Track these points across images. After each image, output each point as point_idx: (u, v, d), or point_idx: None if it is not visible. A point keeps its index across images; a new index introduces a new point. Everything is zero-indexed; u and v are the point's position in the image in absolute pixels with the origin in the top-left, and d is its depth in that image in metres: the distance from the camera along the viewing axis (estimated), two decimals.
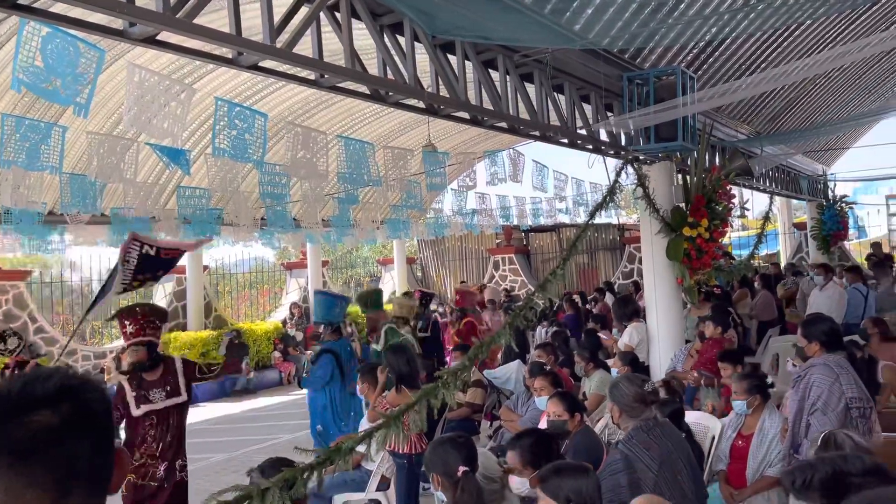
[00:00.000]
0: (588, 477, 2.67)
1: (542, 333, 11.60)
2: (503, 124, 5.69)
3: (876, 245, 14.47)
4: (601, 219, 16.34)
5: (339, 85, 4.43)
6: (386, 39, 4.67)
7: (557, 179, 10.31)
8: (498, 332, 5.13)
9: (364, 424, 5.66)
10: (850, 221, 15.56)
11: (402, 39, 4.66)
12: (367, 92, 4.62)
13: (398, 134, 13.42)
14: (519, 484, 3.71)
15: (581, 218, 12.81)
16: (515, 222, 15.12)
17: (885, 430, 4.87)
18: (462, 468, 3.13)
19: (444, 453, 3.33)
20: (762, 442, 4.62)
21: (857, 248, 18.74)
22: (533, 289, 6.32)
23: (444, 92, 4.95)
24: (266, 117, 5.71)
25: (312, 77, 4.31)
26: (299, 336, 14.39)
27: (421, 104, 4.88)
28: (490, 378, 8.28)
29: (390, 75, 4.55)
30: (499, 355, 9.49)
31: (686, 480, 3.56)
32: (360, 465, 5.93)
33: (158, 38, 3.53)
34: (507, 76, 5.54)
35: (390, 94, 4.59)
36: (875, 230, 18.10)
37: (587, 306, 12.92)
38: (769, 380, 7.38)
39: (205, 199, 9.47)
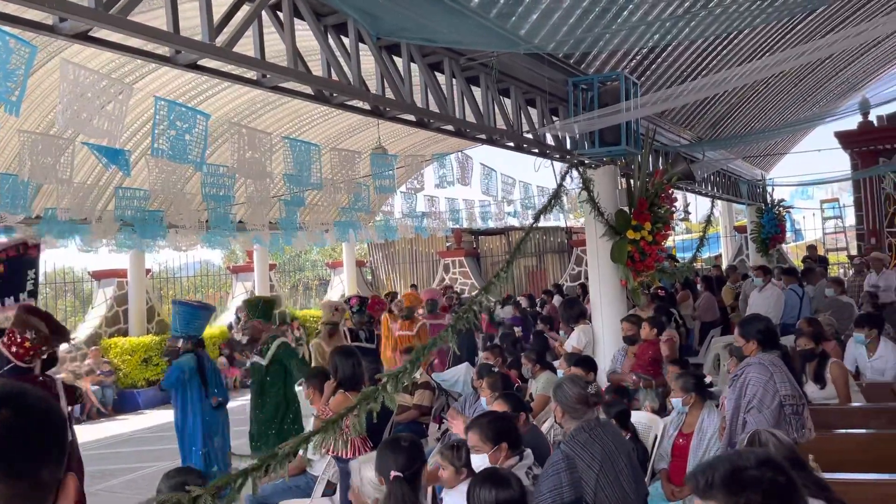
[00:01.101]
0: (512, 487, 2.70)
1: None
2: (449, 127, 5.70)
3: (811, 248, 15.00)
4: (549, 222, 16.75)
5: (283, 85, 4.38)
6: (330, 40, 4.63)
7: (505, 183, 10.39)
8: (441, 333, 5.12)
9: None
10: (788, 225, 16.07)
11: (346, 40, 4.63)
12: (311, 93, 4.57)
13: (347, 136, 13.33)
14: (480, 462, 3.72)
15: (529, 221, 12.93)
16: (465, 225, 15.19)
17: (816, 427, 5.05)
18: (394, 473, 3.12)
19: (383, 456, 3.33)
20: (701, 440, 4.73)
21: (794, 251, 19.39)
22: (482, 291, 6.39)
23: (389, 94, 4.93)
24: (208, 117, 5.60)
25: (254, 77, 4.24)
26: (245, 340, 14.14)
27: (366, 106, 4.85)
28: (438, 380, 8.28)
29: (335, 76, 4.51)
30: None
31: (627, 479, 3.61)
32: (306, 471, 5.85)
33: (97, 35, 3.44)
34: (454, 79, 5.56)
35: (334, 95, 4.55)
36: (811, 233, 18.77)
37: (536, 308, 13.08)
38: (708, 379, 7.59)
39: (145, 201, 9.23)
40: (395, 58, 5.10)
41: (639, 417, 5.62)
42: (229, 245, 12.44)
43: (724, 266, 15.42)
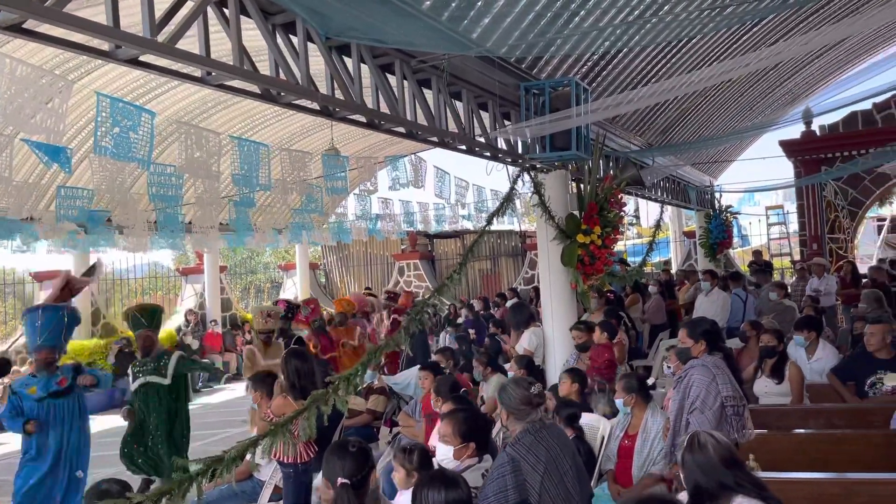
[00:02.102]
0: (459, 489, 2.70)
1: (445, 339, 11.68)
2: (401, 129, 5.69)
3: (757, 253, 15.40)
4: (503, 225, 16.84)
5: (230, 84, 4.30)
6: (279, 39, 4.58)
7: (459, 186, 10.41)
8: (392, 336, 5.09)
9: None
10: (735, 230, 16.48)
11: (295, 39, 4.58)
12: (259, 92, 4.50)
13: (300, 137, 13.21)
14: (444, 453, 3.71)
15: (484, 224, 12.96)
16: (420, 228, 15.16)
17: (757, 427, 5.17)
18: (341, 480, 3.08)
19: (331, 461, 3.28)
20: (646, 441, 4.80)
21: (741, 256, 19.87)
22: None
23: (339, 95, 4.89)
24: (154, 116, 5.48)
25: (199, 75, 4.16)
26: (195, 344, 13.89)
27: (315, 106, 4.80)
28: (390, 384, 8.25)
29: (283, 76, 4.45)
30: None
31: (571, 481, 3.64)
32: (252, 476, 5.75)
33: (38, 29, 3.33)
34: (405, 81, 5.54)
35: (282, 94, 4.49)
36: (756, 239, 19.27)
37: (490, 311, 13.13)
38: (651, 380, 7.71)
39: (89, 201, 8.98)
40: (346, 58, 5.07)
41: (587, 419, 5.67)
42: (181, 247, 12.17)
43: (673, 270, 15.71)
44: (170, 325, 15.17)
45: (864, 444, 4.65)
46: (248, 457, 4.89)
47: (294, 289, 18.60)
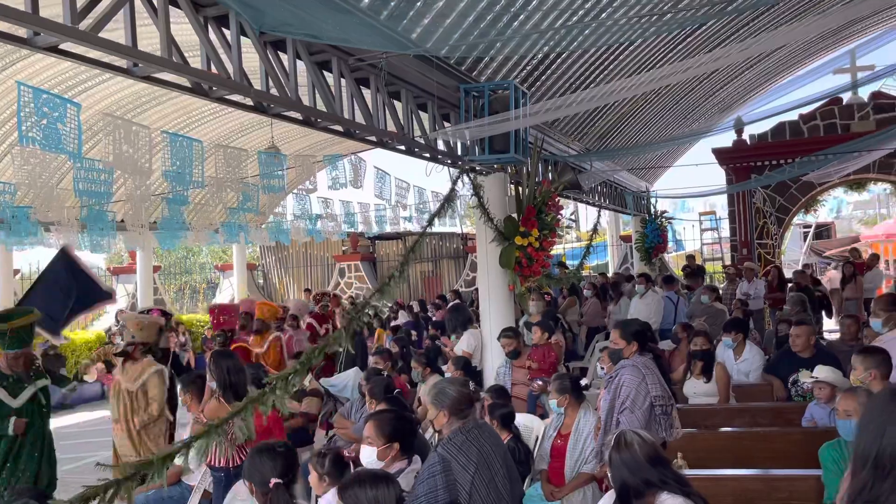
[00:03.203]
0: (388, 487, 2.67)
1: (386, 341, 11.62)
2: (338, 127, 5.62)
3: (690, 257, 15.81)
4: (446, 227, 16.86)
5: (158, 76, 4.17)
6: (211, 33, 4.47)
7: (399, 187, 10.38)
8: (331, 336, 5.02)
9: None
10: (670, 235, 16.90)
11: (228, 33, 4.47)
12: (189, 85, 4.38)
13: (238, 135, 12.96)
14: (368, 455, 3.66)
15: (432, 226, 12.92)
16: (361, 229, 15.04)
17: (686, 426, 5.30)
18: (274, 480, 3.03)
19: (259, 463, 3.23)
20: (578, 440, 4.85)
21: (675, 260, 20.41)
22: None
23: (275, 91, 4.80)
24: (79, 107, 5.27)
25: (124, 66, 4.02)
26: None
27: (249, 101, 4.70)
28: (327, 386, 8.15)
29: (215, 70, 4.35)
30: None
31: (502, 481, 3.65)
32: (181, 481, 5.59)
33: None
34: (342, 79, 5.48)
35: (214, 88, 4.38)
36: (690, 244, 19.82)
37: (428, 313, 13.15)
38: (584, 381, 7.81)
39: (11, 196, 8.59)
40: (282, 54, 4.98)
41: (521, 420, 5.72)
42: (109, 246, 11.74)
43: (609, 273, 16.01)
44: (99, 327, 14.67)
45: (784, 441, 4.82)
46: (179, 460, 4.76)
47: (231, 290, 18.23)
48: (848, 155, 11.86)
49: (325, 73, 5.48)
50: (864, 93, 14.78)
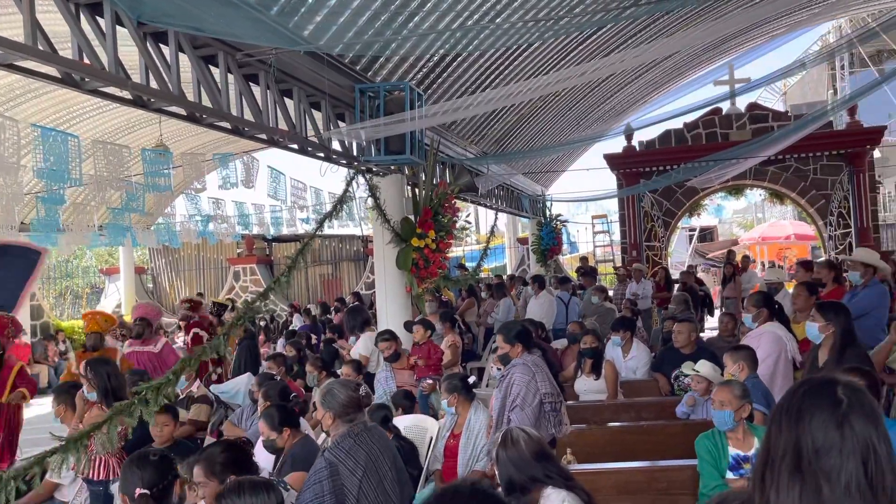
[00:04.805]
0: (269, 494, 2.58)
1: (281, 345, 11.35)
2: (225, 124, 5.42)
3: (583, 259, 16.34)
4: (346, 229, 16.68)
5: (22, 65, 3.88)
6: (84, 22, 4.21)
7: (295, 187, 10.16)
8: (211, 341, 4.83)
9: None
10: (564, 237, 17.40)
11: (103, 22, 4.22)
12: (59, 76, 4.10)
13: (125, 132, 12.37)
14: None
15: (324, 228, 12.71)
16: (256, 231, 14.64)
17: (575, 422, 5.44)
18: (139, 491, 2.87)
19: (129, 473, 3.07)
20: (469, 439, 4.89)
21: (569, 262, 21.02)
22: (270, 300, 6.13)
23: (155, 84, 4.57)
24: None
25: None
26: None
27: (127, 95, 4.46)
28: (217, 393, 7.87)
29: (88, 61, 4.09)
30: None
31: (391, 484, 3.62)
32: (53, 498, 5.24)
33: None
34: (229, 74, 5.29)
35: (87, 80, 4.13)
36: (584, 246, 20.50)
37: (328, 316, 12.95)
38: (485, 382, 7.87)
39: None
40: (163, 47, 4.76)
41: (415, 420, 5.70)
42: None
43: (505, 276, 16.29)
44: None
45: (665, 434, 5.02)
46: (47, 476, 4.45)
47: (117, 294, 17.34)
48: (727, 162, 12.57)
49: (212, 67, 5.28)
50: (742, 104, 15.72)
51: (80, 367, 7.49)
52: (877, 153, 17.25)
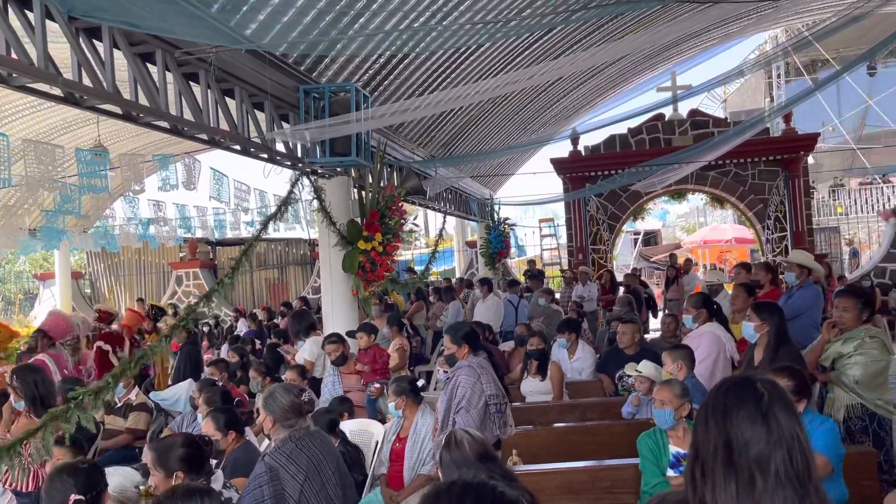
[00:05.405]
0: (202, 500, 2.52)
1: (226, 351, 11.12)
2: (163, 123, 5.27)
3: (531, 262, 16.47)
4: (293, 233, 16.45)
5: None
6: (12, 16, 4.04)
7: (239, 189, 9.96)
8: (151, 345, 4.69)
9: None
10: (512, 241, 17.52)
11: (31, 16, 4.06)
12: None
13: (61, 132, 11.96)
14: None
15: (269, 231, 12.49)
16: (199, 235, 14.31)
17: (521, 423, 5.47)
18: (74, 497, 2.77)
19: (58, 482, 2.96)
20: (416, 442, 4.85)
21: (518, 265, 21.18)
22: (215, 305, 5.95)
23: (88, 81, 4.42)
24: None
25: None
26: None
27: (57, 91, 4.29)
28: (157, 400, 7.66)
29: (15, 55, 3.93)
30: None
31: (333, 488, 3.57)
32: None
33: None
34: (167, 72, 5.15)
35: (13, 75, 3.96)
36: (531, 249, 20.66)
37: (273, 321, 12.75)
38: (433, 385, 7.84)
39: None
40: (97, 43, 4.60)
41: (360, 425, 5.64)
42: None
43: (453, 279, 16.31)
44: None
45: (609, 434, 5.08)
46: None
47: (53, 300, 16.73)
48: (669, 166, 12.85)
49: (150, 65, 5.13)
50: (684, 110, 16.10)
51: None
52: (811, 159, 17.87)
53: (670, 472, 3.88)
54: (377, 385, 6.53)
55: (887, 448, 4.33)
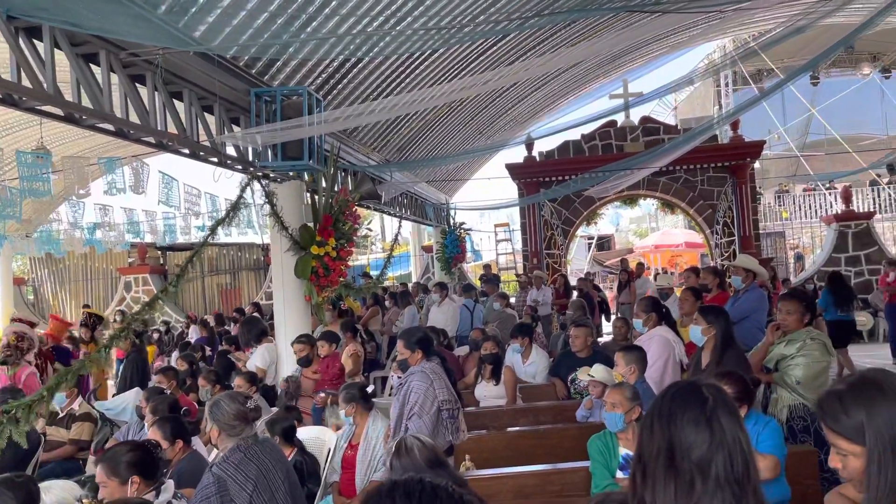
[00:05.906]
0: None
1: (176, 359, 10.89)
2: (108, 126, 5.14)
3: (487, 267, 16.57)
4: (245, 237, 16.23)
5: None
6: None
7: (189, 193, 9.77)
8: (91, 355, 4.56)
9: None
10: (468, 245, 17.58)
11: None
12: None
13: (2, 134, 11.57)
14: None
15: (221, 235, 12.28)
16: (148, 239, 13.99)
17: (474, 428, 5.47)
18: None
19: None
20: (367, 448, 4.82)
21: (474, 270, 21.25)
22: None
23: (27, 83, 4.28)
24: None
25: None
26: None
27: None
28: (102, 410, 7.47)
29: None
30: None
31: (283, 497, 3.52)
32: None
33: None
34: (112, 73, 5.02)
35: None
36: (487, 254, 20.77)
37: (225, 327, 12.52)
38: (387, 391, 7.79)
39: None
40: (38, 43, 4.46)
41: (314, 433, 5.58)
42: None
43: (410, 283, 16.30)
44: None
45: (561, 437, 5.11)
46: None
47: None
48: (621, 172, 13.04)
49: (93, 66, 5.00)
50: (636, 117, 16.37)
51: None
52: (757, 165, 18.35)
53: (620, 474, 3.93)
54: (322, 395, 6.46)
55: (828, 447, 4.45)
